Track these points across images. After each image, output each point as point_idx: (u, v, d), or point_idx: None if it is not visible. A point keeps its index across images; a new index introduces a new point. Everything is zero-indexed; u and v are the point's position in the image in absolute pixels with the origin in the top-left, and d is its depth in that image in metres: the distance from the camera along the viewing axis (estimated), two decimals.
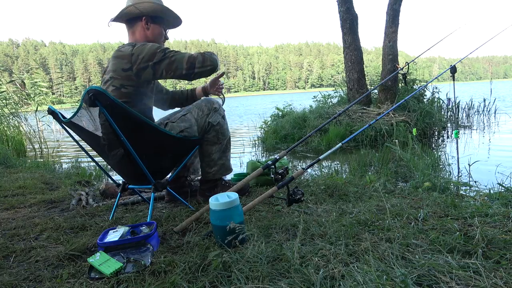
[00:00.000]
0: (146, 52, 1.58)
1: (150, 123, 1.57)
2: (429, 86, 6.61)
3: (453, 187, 2.28)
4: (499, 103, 9.73)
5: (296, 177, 1.67)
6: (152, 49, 1.59)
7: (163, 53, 1.59)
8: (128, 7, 1.70)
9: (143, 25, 1.75)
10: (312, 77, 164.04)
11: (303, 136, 5.39)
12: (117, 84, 1.62)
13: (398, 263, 1.05)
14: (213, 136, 1.90)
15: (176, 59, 1.59)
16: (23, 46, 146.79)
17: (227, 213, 1.28)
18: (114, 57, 1.64)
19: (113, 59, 1.64)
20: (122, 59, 1.61)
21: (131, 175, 1.77)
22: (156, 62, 1.59)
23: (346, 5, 6.23)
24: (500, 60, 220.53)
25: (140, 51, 1.59)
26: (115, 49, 1.70)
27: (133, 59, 1.59)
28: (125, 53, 1.60)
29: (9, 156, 4.35)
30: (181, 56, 1.60)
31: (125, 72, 1.61)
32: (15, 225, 1.78)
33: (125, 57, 1.60)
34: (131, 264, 1.19)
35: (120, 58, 1.61)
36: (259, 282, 1.00)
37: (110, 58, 1.71)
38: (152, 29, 1.77)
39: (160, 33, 1.82)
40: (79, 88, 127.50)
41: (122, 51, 1.62)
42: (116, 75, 1.61)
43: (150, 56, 1.58)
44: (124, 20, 1.77)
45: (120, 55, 1.62)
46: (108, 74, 1.65)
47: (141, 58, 1.58)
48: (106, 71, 1.69)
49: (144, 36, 1.77)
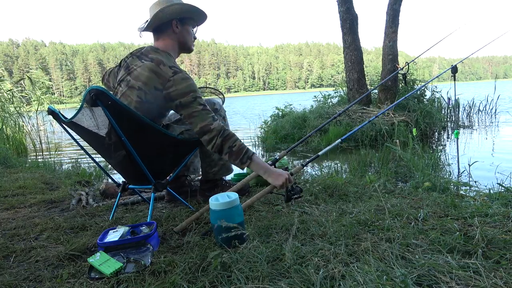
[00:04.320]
0: (182, 88, 1.54)
1: (152, 124, 1.57)
2: (429, 86, 6.61)
3: (453, 187, 2.28)
4: (504, 104, 9.74)
5: (294, 173, 1.67)
6: (188, 90, 1.54)
7: (194, 99, 1.54)
8: (157, 14, 1.62)
9: (173, 29, 1.69)
10: (312, 77, 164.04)
11: (303, 136, 5.39)
12: (143, 97, 1.58)
13: (398, 263, 1.05)
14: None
15: (196, 116, 1.54)
16: (23, 46, 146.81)
17: (227, 213, 1.28)
18: (151, 70, 1.56)
19: (150, 71, 1.56)
20: (158, 78, 1.55)
21: (131, 175, 1.77)
22: (183, 103, 1.54)
23: (346, 5, 6.23)
24: (500, 60, 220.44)
25: (178, 83, 1.54)
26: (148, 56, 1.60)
27: (167, 85, 1.54)
28: (163, 75, 1.55)
29: (9, 156, 4.35)
30: (203, 117, 1.54)
31: (156, 91, 1.56)
32: (15, 225, 1.78)
33: (161, 78, 1.55)
34: (131, 264, 1.19)
35: (157, 75, 1.55)
36: (259, 282, 1.00)
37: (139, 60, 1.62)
38: (181, 31, 1.72)
39: (190, 34, 1.77)
40: (79, 88, 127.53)
41: (162, 69, 1.56)
42: (147, 89, 1.57)
43: (182, 94, 1.54)
44: (152, 28, 1.70)
45: (158, 72, 1.55)
46: (137, 82, 1.58)
47: (175, 90, 1.54)
48: (133, 75, 1.60)
49: (175, 40, 1.72)
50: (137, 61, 1.63)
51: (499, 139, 5.03)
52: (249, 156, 1.55)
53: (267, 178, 1.58)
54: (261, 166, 1.59)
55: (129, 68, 1.64)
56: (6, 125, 5.48)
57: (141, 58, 1.63)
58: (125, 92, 1.61)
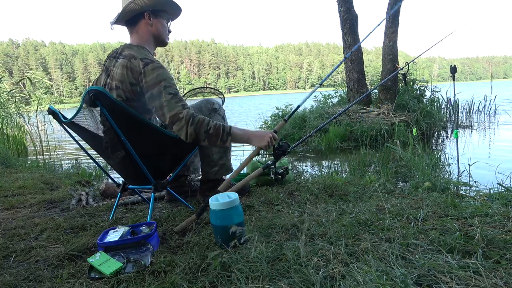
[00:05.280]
0: (151, 79, 1.51)
1: (151, 124, 1.57)
2: (429, 85, 6.62)
3: (453, 187, 2.28)
4: (506, 104, 9.73)
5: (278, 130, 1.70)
6: (158, 79, 1.50)
7: (164, 89, 1.50)
8: (128, 5, 1.61)
9: (146, 21, 1.66)
10: (312, 77, 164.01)
11: (303, 136, 5.39)
12: (123, 96, 1.57)
13: (398, 263, 1.05)
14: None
15: (165, 106, 1.49)
16: (23, 46, 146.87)
17: (227, 213, 1.28)
18: (123, 66, 1.55)
19: (122, 67, 1.55)
20: (131, 73, 1.54)
21: (131, 176, 1.77)
22: (154, 94, 1.51)
23: (346, 5, 6.24)
24: (500, 60, 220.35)
25: (148, 74, 1.51)
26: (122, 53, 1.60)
27: (140, 78, 1.53)
28: (135, 69, 1.53)
29: (9, 156, 4.35)
30: (172, 107, 1.49)
31: (132, 86, 1.55)
32: (15, 225, 1.78)
33: (134, 72, 1.53)
34: (131, 264, 1.19)
35: (129, 70, 1.54)
36: (259, 282, 1.00)
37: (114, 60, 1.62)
38: (155, 24, 1.69)
39: (164, 26, 1.74)
40: (79, 88, 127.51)
41: (132, 63, 1.54)
42: (124, 87, 1.56)
43: (153, 85, 1.51)
44: (125, 21, 1.68)
45: (130, 67, 1.54)
46: (114, 81, 1.58)
47: (146, 82, 1.51)
48: (110, 75, 1.61)
49: (149, 34, 1.69)
50: (113, 62, 1.63)
51: (499, 139, 5.03)
52: (228, 132, 1.53)
53: (252, 142, 1.57)
54: (242, 136, 1.57)
55: (108, 70, 1.64)
56: (6, 125, 5.48)
57: (117, 58, 1.63)
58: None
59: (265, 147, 1.56)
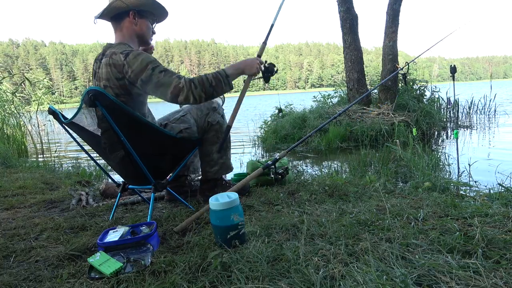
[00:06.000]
0: (137, 66, 1.51)
1: (150, 124, 1.57)
2: (429, 85, 6.62)
3: (453, 187, 2.28)
4: (507, 104, 9.72)
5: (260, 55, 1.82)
6: (143, 64, 1.51)
7: (152, 70, 1.51)
8: (114, 2, 1.59)
9: (130, 20, 1.66)
10: (312, 77, 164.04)
11: (303, 136, 5.39)
12: (112, 93, 1.55)
13: (398, 263, 1.05)
14: (212, 135, 1.90)
15: (162, 84, 1.51)
16: (23, 46, 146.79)
17: (227, 213, 1.28)
18: (106, 65, 1.55)
19: (105, 66, 1.56)
20: (115, 68, 1.54)
21: (131, 176, 1.77)
22: (143, 80, 1.52)
23: (346, 5, 6.23)
24: (500, 60, 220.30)
25: (132, 63, 1.51)
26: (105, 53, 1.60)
27: (124, 70, 1.52)
28: (117, 63, 1.53)
29: (9, 156, 4.35)
30: (168, 82, 1.51)
31: (119, 81, 1.55)
32: (15, 225, 1.78)
33: (117, 66, 1.53)
34: (131, 264, 1.19)
35: (112, 66, 1.54)
36: (259, 282, 1.00)
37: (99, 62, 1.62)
38: (140, 24, 1.69)
39: (148, 28, 1.74)
40: (80, 88, 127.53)
41: (114, 59, 1.54)
42: (111, 84, 1.55)
43: (140, 71, 1.51)
44: (110, 17, 1.66)
45: (112, 63, 1.54)
46: (101, 82, 1.58)
47: (131, 71, 1.51)
48: (97, 77, 1.61)
49: (132, 32, 1.68)
50: (98, 64, 1.63)
51: (499, 139, 5.03)
52: (226, 75, 1.62)
53: (245, 73, 1.72)
54: (237, 71, 1.69)
55: (96, 73, 1.64)
56: (6, 125, 5.48)
57: (101, 59, 1.63)
58: None
59: (256, 72, 1.71)
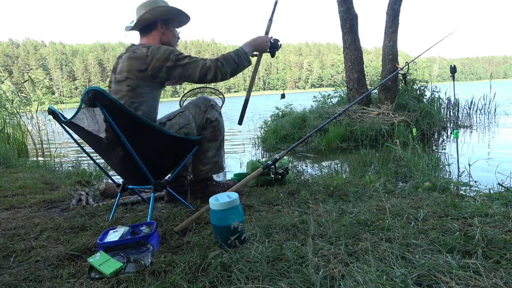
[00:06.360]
0: (161, 55, 1.63)
1: (150, 124, 1.57)
2: (429, 85, 6.62)
3: (453, 187, 2.28)
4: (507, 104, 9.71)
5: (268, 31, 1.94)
6: (166, 53, 1.63)
7: (177, 58, 1.63)
8: (143, 15, 1.73)
9: (159, 30, 1.79)
10: (312, 77, 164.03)
11: (303, 136, 5.39)
12: (132, 84, 1.65)
13: (398, 263, 1.05)
14: (210, 132, 1.91)
15: (189, 67, 1.64)
16: (23, 46, 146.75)
17: (227, 213, 1.28)
18: (129, 58, 1.66)
19: (127, 59, 1.66)
20: (138, 60, 1.64)
21: (131, 176, 1.77)
22: (170, 66, 1.63)
23: (346, 5, 6.23)
24: (500, 60, 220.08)
25: (155, 53, 1.63)
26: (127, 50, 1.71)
27: (147, 60, 1.63)
28: (140, 55, 1.64)
29: (9, 156, 4.35)
30: (195, 64, 1.65)
31: (141, 73, 1.64)
32: (15, 225, 1.78)
33: (140, 59, 1.63)
34: (131, 264, 1.19)
35: (135, 59, 1.64)
36: (259, 282, 1.00)
37: (120, 59, 1.72)
38: (167, 33, 1.81)
39: (174, 35, 1.86)
40: (79, 88, 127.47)
41: (136, 52, 1.65)
42: (132, 75, 1.64)
43: (164, 60, 1.63)
44: (139, 28, 1.80)
45: (135, 56, 1.65)
46: (122, 74, 1.66)
47: (156, 60, 1.62)
48: (118, 71, 1.69)
49: (159, 41, 1.80)
50: (119, 60, 1.74)
51: (499, 139, 5.03)
52: (245, 52, 1.76)
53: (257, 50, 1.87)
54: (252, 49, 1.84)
55: (116, 69, 1.72)
56: (7, 125, 5.48)
57: (122, 55, 1.73)
58: (114, 89, 1.69)
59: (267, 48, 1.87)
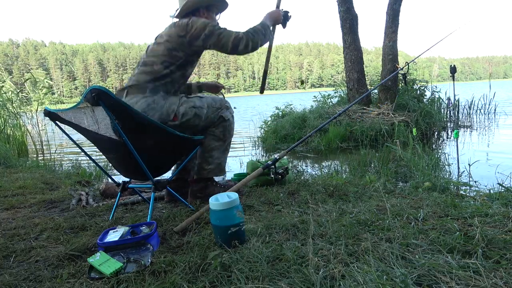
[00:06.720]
0: (200, 24, 1.79)
1: (153, 122, 1.57)
2: (429, 85, 6.62)
3: (453, 187, 2.28)
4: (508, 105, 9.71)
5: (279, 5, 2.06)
6: (205, 23, 1.80)
7: (213, 27, 1.79)
8: (187, 3, 1.88)
9: (201, 15, 1.92)
10: (312, 77, 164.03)
11: (303, 136, 5.39)
12: (170, 46, 1.79)
13: (398, 263, 1.05)
14: (220, 131, 1.92)
15: (224, 36, 1.78)
16: (23, 46, 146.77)
17: (227, 213, 1.28)
18: (171, 26, 1.84)
19: (169, 28, 1.84)
20: (178, 27, 1.80)
21: (131, 170, 1.76)
22: (207, 34, 1.78)
23: (346, 5, 6.23)
24: (500, 60, 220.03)
25: (195, 22, 1.79)
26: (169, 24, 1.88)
27: (187, 28, 1.79)
28: (182, 25, 1.80)
29: (9, 156, 4.35)
30: (229, 34, 1.79)
31: (180, 38, 1.79)
32: (15, 225, 1.78)
33: (181, 27, 1.80)
34: (131, 264, 1.19)
35: (175, 27, 1.81)
36: (259, 282, 1.00)
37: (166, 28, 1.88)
38: (208, 18, 1.94)
39: (214, 20, 2.00)
40: (79, 88, 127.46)
41: (179, 22, 1.82)
42: (171, 39, 1.80)
43: (202, 28, 1.78)
44: (181, 16, 1.94)
45: (177, 25, 1.82)
46: (162, 38, 1.83)
47: (195, 28, 1.78)
48: (159, 37, 1.86)
49: None
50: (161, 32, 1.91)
51: (499, 139, 5.03)
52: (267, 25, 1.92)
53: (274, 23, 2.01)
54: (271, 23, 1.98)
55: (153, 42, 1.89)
56: (7, 125, 5.47)
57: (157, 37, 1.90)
58: (152, 48, 1.85)
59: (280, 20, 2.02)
